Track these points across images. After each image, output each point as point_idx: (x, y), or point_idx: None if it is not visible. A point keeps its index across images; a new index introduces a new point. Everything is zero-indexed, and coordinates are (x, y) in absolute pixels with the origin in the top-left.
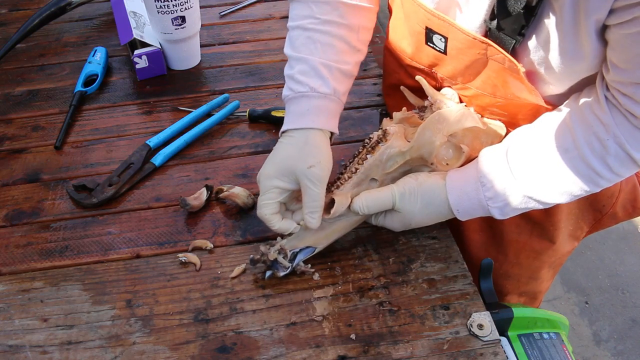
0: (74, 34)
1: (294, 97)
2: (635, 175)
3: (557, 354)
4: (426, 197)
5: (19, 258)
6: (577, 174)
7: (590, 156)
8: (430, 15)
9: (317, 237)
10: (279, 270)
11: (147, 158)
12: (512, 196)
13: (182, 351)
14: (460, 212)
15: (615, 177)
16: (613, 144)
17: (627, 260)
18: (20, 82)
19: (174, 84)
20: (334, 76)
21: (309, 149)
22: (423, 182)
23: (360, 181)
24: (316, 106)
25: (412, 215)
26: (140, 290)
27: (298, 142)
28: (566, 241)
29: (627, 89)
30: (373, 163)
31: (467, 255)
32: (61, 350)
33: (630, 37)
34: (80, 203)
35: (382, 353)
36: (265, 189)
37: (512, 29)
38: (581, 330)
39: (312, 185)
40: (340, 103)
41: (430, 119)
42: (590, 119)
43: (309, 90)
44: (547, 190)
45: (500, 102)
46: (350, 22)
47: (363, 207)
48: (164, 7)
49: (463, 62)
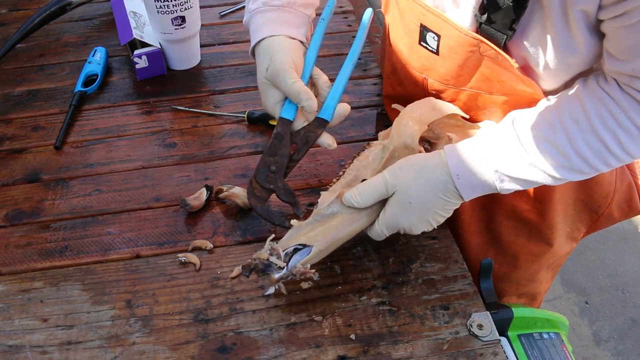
0: (74, 34)
1: (251, 17)
2: (630, 175)
3: (557, 354)
4: (418, 165)
5: (19, 258)
6: (587, 147)
7: (601, 129)
8: (425, 11)
9: (312, 234)
10: (273, 272)
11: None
12: (518, 162)
13: (182, 351)
14: (461, 177)
15: (625, 155)
16: (625, 118)
17: (627, 260)
18: (20, 82)
19: (174, 84)
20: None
21: (262, 54)
22: (413, 156)
23: (350, 181)
24: (270, 18)
25: (407, 188)
26: (140, 290)
27: (257, 57)
28: (564, 242)
29: (623, 79)
30: (360, 164)
31: (465, 258)
32: (61, 350)
33: (624, 29)
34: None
35: (382, 353)
36: (273, 112)
37: (503, 23)
38: (581, 330)
39: (279, 82)
40: (300, 14)
41: (403, 110)
42: (601, 94)
43: (262, 6)
44: (555, 162)
45: (498, 98)
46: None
47: (355, 195)
48: (164, 7)
49: (455, 62)
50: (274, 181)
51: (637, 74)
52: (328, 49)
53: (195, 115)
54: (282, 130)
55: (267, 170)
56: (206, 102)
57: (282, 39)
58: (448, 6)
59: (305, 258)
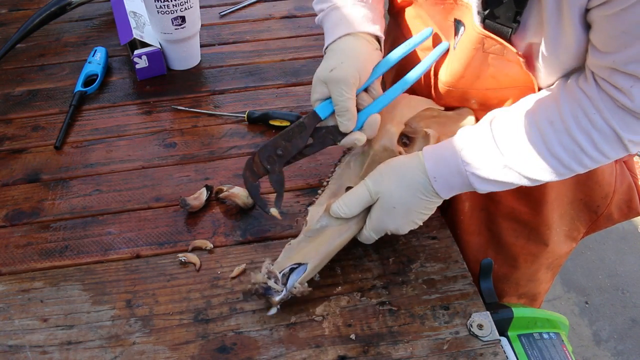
0: (74, 34)
1: (325, 14)
2: (630, 176)
3: (557, 354)
4: (398, 170)
5: (19, 258)
6: (561, 148)
7: (575, 130)
8: (454, 4)
9: (305, 252)
10: (273, 296)
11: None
12: (494, 165)
13: (182, 351)
14: (438, 180)
15: (600, 155)
16: (599, 118)
17: (627, 260)
18: (20, 82)
19: (174, 84)
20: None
21: (335, 53)
22: (392, 160)
23: (336, 191)
24: (347, 14)
25: (390, 194)
26: (140, 290)
27: (329, 53)
28: (562, 242)
29: (604, 72)
30: (341, 172)
31: (465, 258)
32: (61, 350)
33: (607, 19)
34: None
35: (382, 353)
36: (313, 106)
37: (507, 16)
38: (581, 330)
39: (335, 90)
40: (374, 8)
41: (382, 112)
42: (577, 93)
43: (336, 2)
44: (530, 163)
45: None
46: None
47: (341, 206)
48: (164, 7)
49: (463, 63)
50: (273, 163)
51: (617, 66)
52: None
53: (195, 115)
54: (308, 123)
55: (274, 151)
56: (206, 102)
57: (363, 44)
58: None
59: (302, 277)
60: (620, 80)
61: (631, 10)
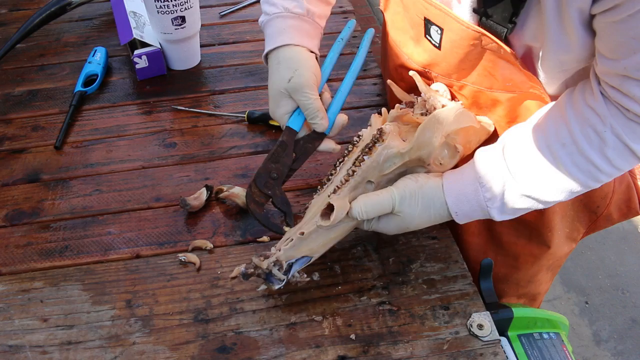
0: (74, 34)
1: (269, 19)
2: (629, 175)
3: (557, 354)
4: (426, 199)
5: (19, 258)
6: (577, 169)
7: (588, 149)
8: (428, 5)
9: (315, 246)
10: (274, 284)
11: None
12: (511, 196)
13: (182, 351)
14: (459, 215)
15: (615, 170)
16: (611, 135)
17: (627, 260)
18: (20, 82)
19: (174, 84)
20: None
21: (285, 64)
22: (424, 184)
23: (357, 184)
24: (290, 25)
25: (411, 218)
26: (140, 290)
27: (274, 63)
28: (563, 243)
29: (614, 80)
30: (370, 165)
31: (465, 258)
32: (61, 350)
33: (614, 26)
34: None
35: (382, 353)
36: (281, 121)
37: (502, 16)
38: (581, 330)
39: (300, 96)
40: (316, 25)
41: (429, 119)
42: (586, 112)
43: (283, 11)
44: (546, 188)
45: (501, 96)
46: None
47: (362, 212)
48: (164, 7)
49: (457, 56)
50: (272, 187)
51: (629, 73)
52: (327, 49)
53: (195, 115)
54: (287, 140)
55: (268, 176)
56: (206, 102)
57: (305, 52)
58: (454, 3)
59: (303, 267)
60: (632, 88)
61: (639, 16)
